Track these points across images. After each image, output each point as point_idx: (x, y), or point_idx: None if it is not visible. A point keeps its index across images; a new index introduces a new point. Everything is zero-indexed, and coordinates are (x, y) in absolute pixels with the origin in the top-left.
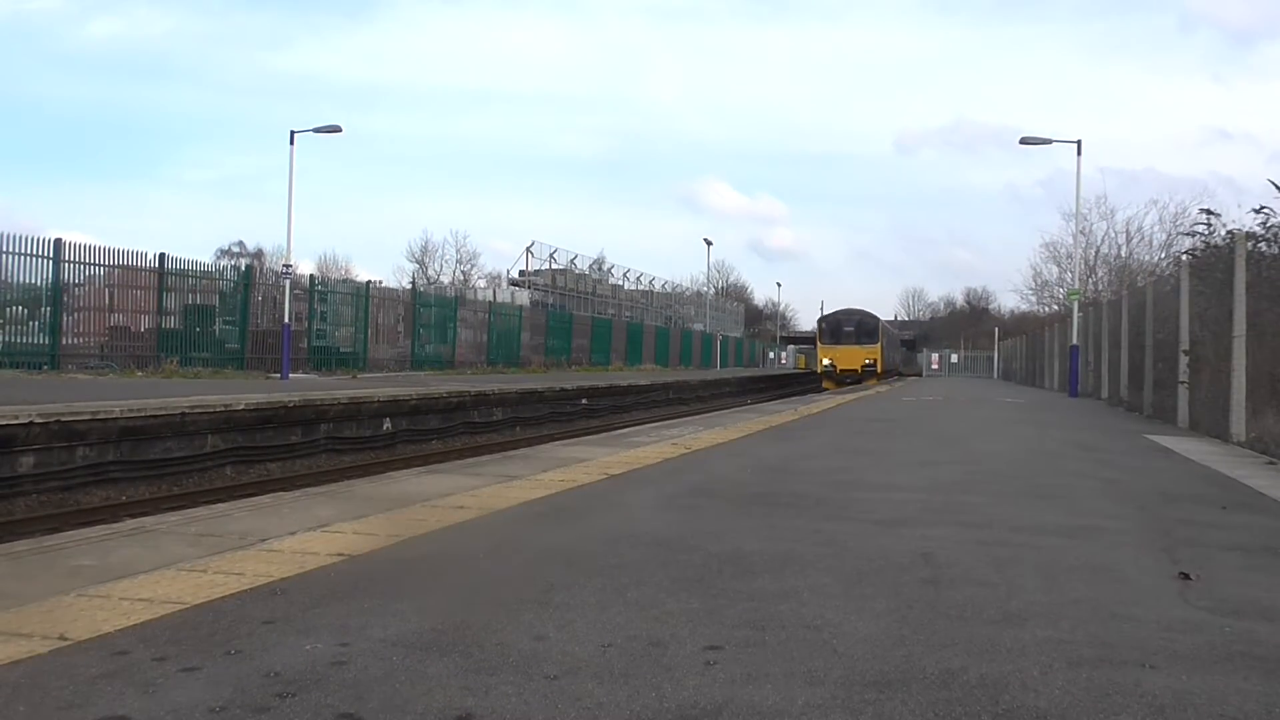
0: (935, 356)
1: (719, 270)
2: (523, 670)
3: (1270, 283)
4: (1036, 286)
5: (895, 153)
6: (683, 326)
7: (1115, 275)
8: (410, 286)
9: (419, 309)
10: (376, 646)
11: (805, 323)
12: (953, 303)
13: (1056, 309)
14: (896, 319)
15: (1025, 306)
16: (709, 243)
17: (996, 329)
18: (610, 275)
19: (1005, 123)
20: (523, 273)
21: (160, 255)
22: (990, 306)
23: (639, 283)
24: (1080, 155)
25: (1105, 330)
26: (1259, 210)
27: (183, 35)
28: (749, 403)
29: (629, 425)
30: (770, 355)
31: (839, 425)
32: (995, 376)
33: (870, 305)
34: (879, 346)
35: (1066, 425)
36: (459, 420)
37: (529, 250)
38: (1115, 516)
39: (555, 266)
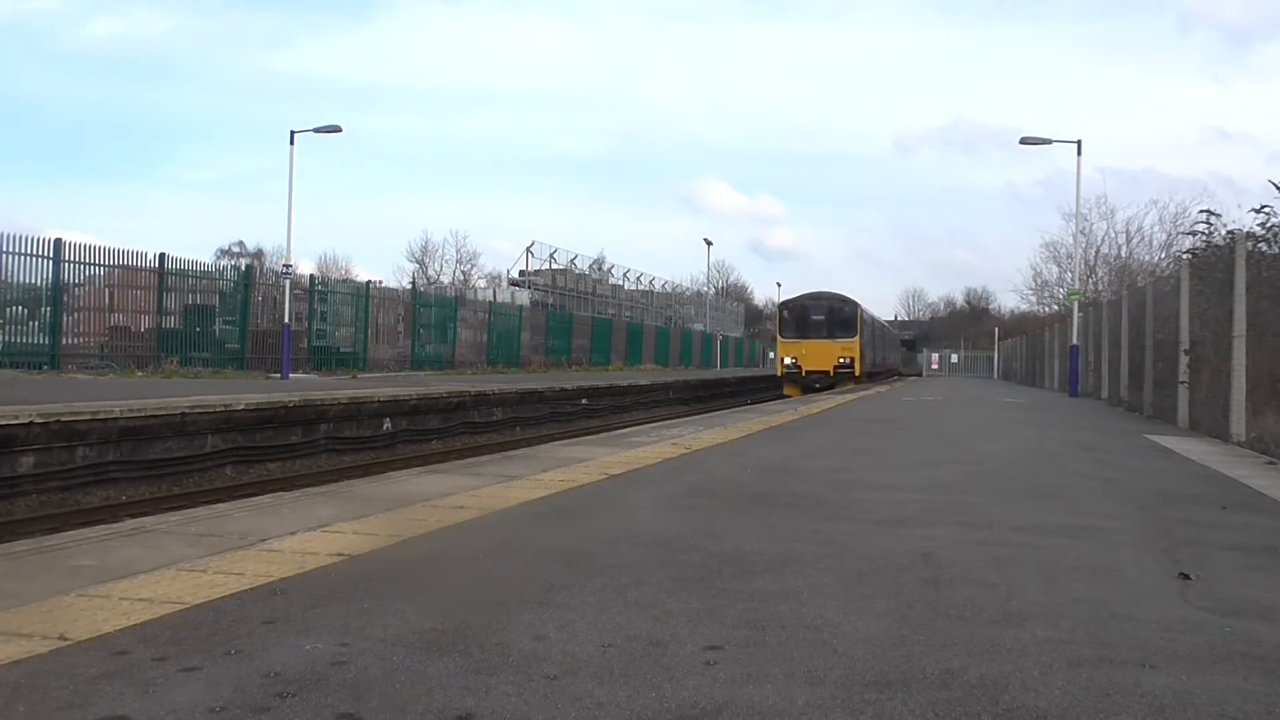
0: (935, 356)
1: (719, 270)
2: (523, 670)
3: (1270, 283)
4: (1036, 286)
5: (894, 152)
6: (683, 327)
7: (1115, 275)
8: (410, 286)
9: (419, 309)
10: (376, 646)
11: None
12: (953, 303)
13: (1056, 309)
14: (896, 319)
15: (1025, 306)
16: (709, 243)
17: (996, 329)
18: (610, 275)
19: (1005, 123)
20: (523, 273)
21: (160, 255)
22: (990, 306)
23: (639, 283)
24: (1080, 155)
25: (1105, 330)
26: (1259, 210)
27: (183, 35)
28: (748, 402)
29: (629, 425)
30: (770, 355)
31: (839, 425)
32: (995, 377)
33: (871, 306)
34: (857, 341)
35: (1066, 425)
36: (459, 420)
37: (529, 250)
38: (1115, 516)
39: (555, 266)
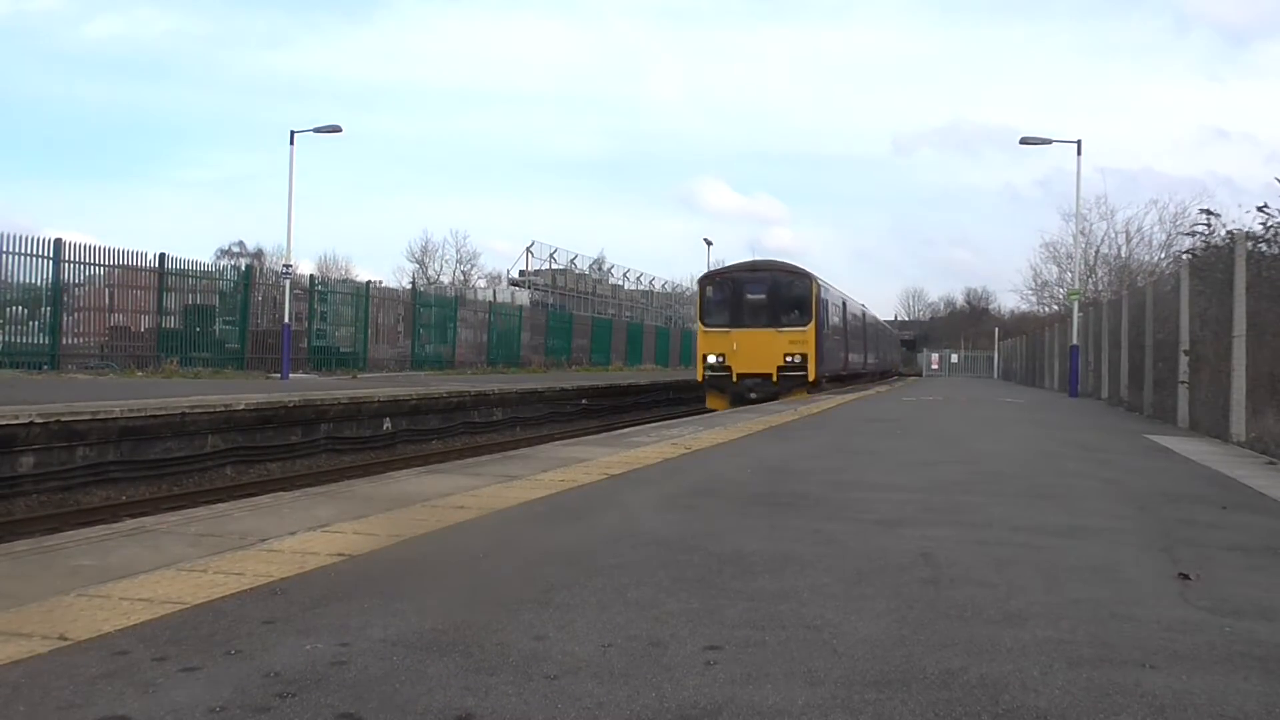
0: (935, 356)
1: None
2: (523, 670)
3: (1270, 283)
4: (1036, 286)
5: (893, 152)
6: (683, 326)
7: (1115, 275)
8: (410, 286)
9: (419, 309)
10: (377, 646)
11: None
12: (953, 303)
13: (1056, 309)
14: (896, 319)
15: (1025, 306)
16: (709, 243)
17: (996, 329)
18: (610, 275)
19: (1004, 123)
20: (523, 273)
21: (160, 255)
22: (990, 306)
23: (639, 283)
24: (1080, 155)
25: (1105, 330)
26: (1261, 209)
27: (183, 35)
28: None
29: (629, 425)
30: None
31: (839, 425)
32: (995, 377)
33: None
34: (811, 330)
35: (1066, 425)
36: (459, 420)
37: (529, 250)
38: (1115, 517)
39: (555, 266)
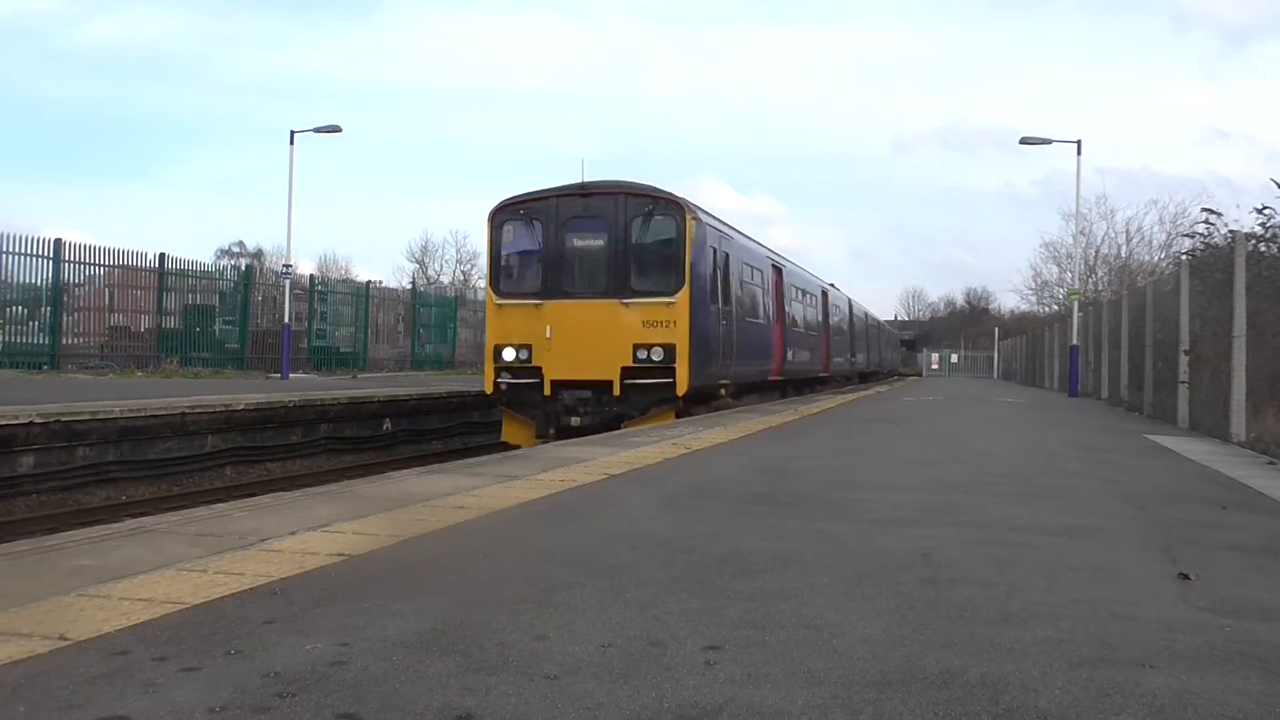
0: (935, 356)
1: None
2: (523, 670)
3: (1270, 283)
4: (1036, 286)
5: (893, 152)
6: None
7: (1115, 275)
8: (410, 286)
9: (419, 309)
10: (376, 646)
11: None
12: (953, 303)
13: (1056, 309)
14: (896, 319)
15: (1025, 306)
16: None
17: (996, 329)
18: None
19: (1003, 123)
20: None
21: (160, 255)
22: (990, 306)
23: None
24: (1080, 155)
25: (1105, 330)
26: (1260, 210)
27: (183, 35)
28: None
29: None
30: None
31: (839, 425)
32: (995, 376)
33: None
34: (684, 298)
35: (1066, 425)
36: (459, 420)
37: None
38: (1115, 516)
39: None
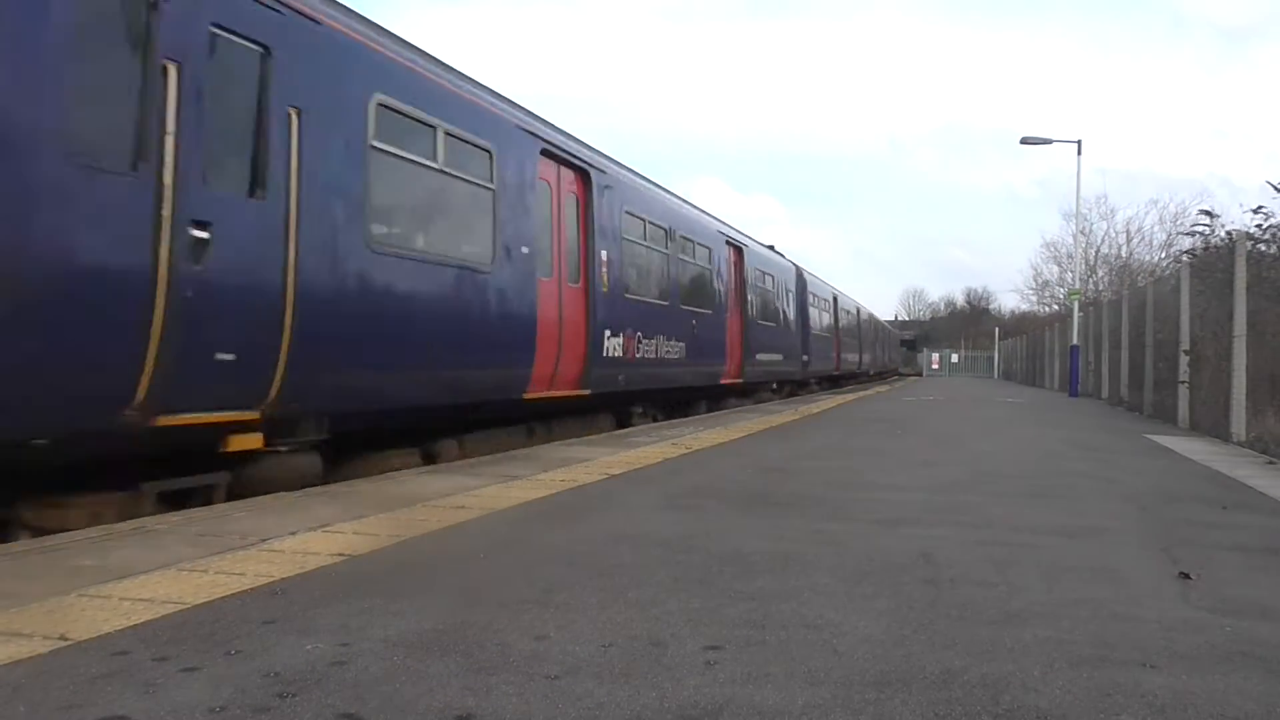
0: (935, 356)
1: None
2: (523, 670)
3: (1270, 283)
4: (1037, 286)
5: (892, 153)
6: None
7: (1116, 275)
8: None
9: None
10: (377, 646)
11: None
12: (953, 303)
13: (1057, 309)
14: (896, 319)
15: (1025, 306)
16: None
17: (997, 329)
18: None
19: (1002, 123)
20: None
21: None
22: (990, 306)
23: None
24: (1080, 155)
25: (1105, 330)
26: (1257, 210)
27: None
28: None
29: (629, 425)
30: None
31: (839, 425)
32: (995, 376)
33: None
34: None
35: (1067, 425)
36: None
37: None
38: (1116, 516)
39: None
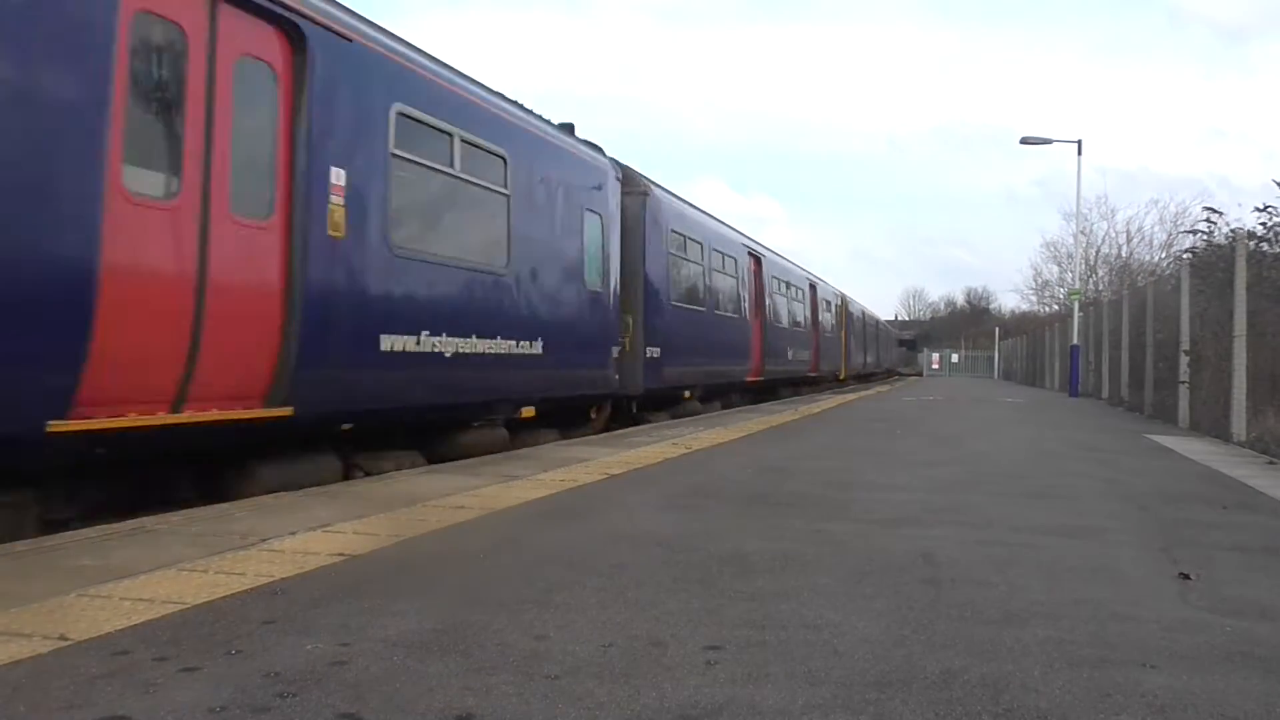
0: (935, 356)
1: None
2: (523, 670)
3: (1271, 282)
4: (1037, 286)
5: (891, 152)
6: None
7: (1116, 275)
8: None
9: None
10: (377, 646)
11: None
12: (953, 303)
13: (1057, 309)
14: (896, 319)
15: (1026, 306)
16: None
17: (997, 329)
18: None
19: (1001, 123)
20: None
21: None
22: (991, 306)
23: None
24: (1081, 155)
25: (1106, 330)
26: (1262, 209)
27: None
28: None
29: (628, 424)
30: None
31: (839, 425)
32: (996, 376)
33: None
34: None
35: (1067, 425)
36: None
37: None
38: (1116, 516)
39: None
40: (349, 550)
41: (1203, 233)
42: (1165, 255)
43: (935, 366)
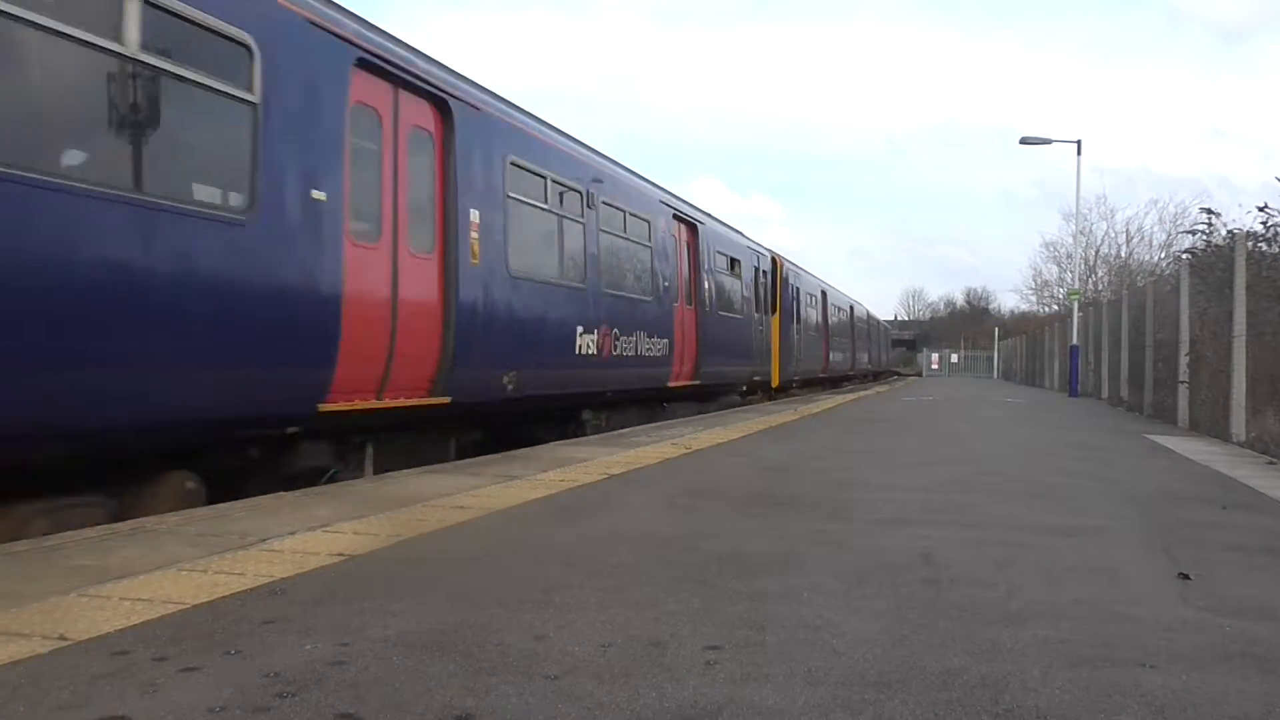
0: (935, 356)
1: None
2: (523, 670)
3: (1270, 282)
4: (1036, 286)
5: (890, 152)
6: None
7: (1115, 275)
8: None
9: None
10: (376, 646)
11: None
12: (953, 303)
13: (1056, 309)
14: (896, 319)
15: (1025, 306)
16: None
17: (996, 329)
18: None
19: (1000, 122)
20: None
21: None
22: (990, 306)
23: None
24: (1080, 155)
25: (1105, 330)
26: (1262, 209)
27: None
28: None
29: (628, 424)
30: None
31: (839, 425)
32: (995, 376)
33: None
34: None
35: (1067, 425)
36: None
37: None
38: (1115, 516)
39: None
40: (349, 550)
41: (1202, 233)
42: (1165, 255)
43: (935, 367)
